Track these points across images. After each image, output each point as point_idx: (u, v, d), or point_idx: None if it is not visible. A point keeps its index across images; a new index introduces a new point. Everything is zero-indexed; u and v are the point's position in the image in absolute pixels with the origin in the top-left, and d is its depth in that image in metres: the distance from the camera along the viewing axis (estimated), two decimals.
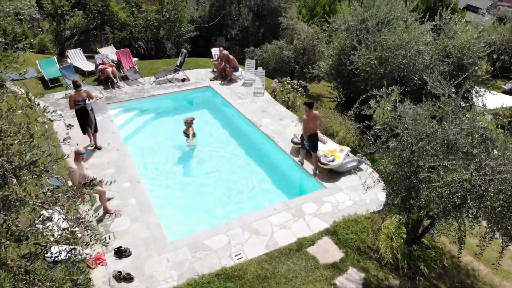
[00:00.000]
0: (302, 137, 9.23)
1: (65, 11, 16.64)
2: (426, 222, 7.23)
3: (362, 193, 8.09)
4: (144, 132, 11.95)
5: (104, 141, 10.54)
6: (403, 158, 5.98)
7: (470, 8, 43.11)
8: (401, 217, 6.75)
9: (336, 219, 7.77)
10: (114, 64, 14.79)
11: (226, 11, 21.50)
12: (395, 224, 7.74)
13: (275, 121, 11.78)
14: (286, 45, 18.02)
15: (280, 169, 10.10)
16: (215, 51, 15.89)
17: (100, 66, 14.43)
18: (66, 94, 13.46)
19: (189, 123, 10.61)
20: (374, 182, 6.70)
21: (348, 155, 9.46)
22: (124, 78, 14.68)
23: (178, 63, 15.05)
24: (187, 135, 10.75)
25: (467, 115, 7.21)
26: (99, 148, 10.02)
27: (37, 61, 15.29)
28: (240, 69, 15.22)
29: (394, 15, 12.12)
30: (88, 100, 9.63)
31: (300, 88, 13.08)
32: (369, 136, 6.46)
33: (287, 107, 12.80)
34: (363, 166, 9.38)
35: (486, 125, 6.26)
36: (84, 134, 9.94)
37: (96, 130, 10.12)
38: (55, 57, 15.64)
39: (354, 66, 12.06)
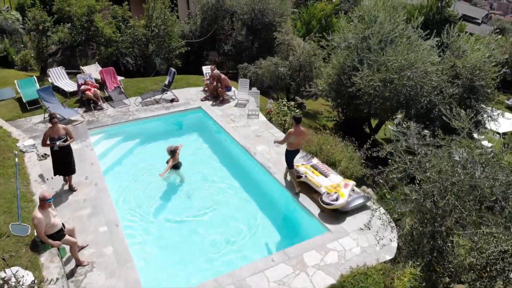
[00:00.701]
0: (287, 153, 8.73)
1: (47, 27, 15.65)
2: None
3: (373, 243, 7.09)
4: (127, 162, 10.89)
5: (81, 174, 9.49)
6: (425, 214, 5.00)
7: (465, 18, 42.76)
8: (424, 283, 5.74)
9: (343, 271, 6.76)
10: (98, 85, 13.79)
11: (218, 25, 20.62)
12: (410, 276, 6.76)
13: (271, 147, 10.79)
14: (281, 62, 17.13)
15: (277, 206, 9.09)
16: (206, 70, 14.97)
17: (82, 87, 13.43)
18: (44, 118, 12.43)
19: (172, 152, 9.55)
20: (391, 240, 5.70)
21: (353, 190, 8.48)
22: (108, 99, 13.68)
23: (166, 82, 14.08)
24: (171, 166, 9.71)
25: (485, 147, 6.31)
26: (73, 190, 8.85)
27: (15, 81, 14.26)
28: (233, 88, 14.26)
29: (398, 33, 11.25)
30: (66, 141, 8.39)
31: (298, 110, 12.14)
32: (384, 184, 5.49)
33: (284, 131, 11.82)
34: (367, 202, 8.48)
35: None
36: (56, 175, 8.67)
37: (73, 172, 8.83)
38: (34, 77, 14.61)
39: (356, 88, 11.13)
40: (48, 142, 8.34)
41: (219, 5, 20.34)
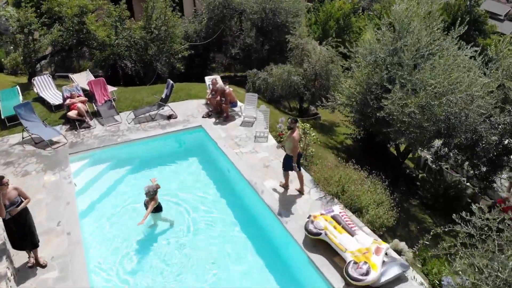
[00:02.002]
0: (287, 157, 8.42)
1: (33, 29, 14.02)
2: None
3: None
4: (111, 198, 9.16)
5: (54, 217, 7.91)
6: None
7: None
8: None
9: None
10: (86, 98, 12.13)
11: (225, 26, 18.77)
12: None
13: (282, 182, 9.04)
14: (294, 70, 15.30)
15: (291, 272, 7.29)
16: (209, 80, 13.16)
17: (67, 101, 11.80)
18: (23, 139, 10.85)
19: (151, 194, 7.81)
20: None
21: (387, 254, 6.72)
22: (97, 114, 12.01)
23: (163, 95, 12.37)
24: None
25: None
26: (43, 266, 6.81)
27: None
28: (239, 103, 12.44)
29: (439, 46, 9.33)
30: (20, 205, 6.38)
31: (314, 134, 10.30)
32: None
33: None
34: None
35: None
36: (16, 249, 6.72)
37: (35, 246, 6.77)
38: (18, 87, 13.04)
39: (385, 113, 9.26)
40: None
41: (227, 3, 18.47)
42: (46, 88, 13.31)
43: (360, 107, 10.42)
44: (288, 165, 8.32)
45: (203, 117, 12.07)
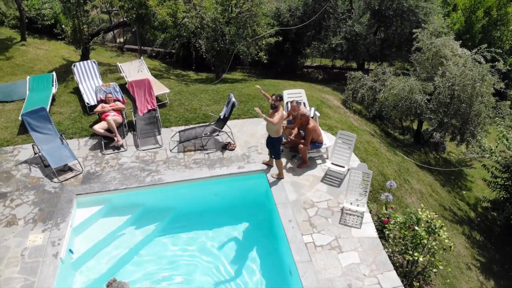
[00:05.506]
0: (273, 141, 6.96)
1: None
2: None
3: None
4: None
5: None
6: None
7: None
8: None
9: None
10: (123, 106, 9.05)
11: (330, 5, 14.15)
12: None
13: None
14: (420, 86, 10.50)
15: None
16: (288, 98, 9.08)
17: (98, 107, 8.86)
18: (34, 154, 8.24)
19: None
20: None
21: None
22: (132, 128, 8.93)
23: (221, 115, 8.78)
24: None
25: None
26: None
27: (27, 77, 10.37)
28: (325, 142, 8.26)
29: None
30: None
31: (446, 237, 5.89)
32: None
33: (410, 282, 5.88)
34: None
35: None
36: None
37: None
38: (53, 74, 10.52)
39: None
40: None
41: None
42: (88, 78, 10.63)
43: None
44: (275, 150, 7.11)
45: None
